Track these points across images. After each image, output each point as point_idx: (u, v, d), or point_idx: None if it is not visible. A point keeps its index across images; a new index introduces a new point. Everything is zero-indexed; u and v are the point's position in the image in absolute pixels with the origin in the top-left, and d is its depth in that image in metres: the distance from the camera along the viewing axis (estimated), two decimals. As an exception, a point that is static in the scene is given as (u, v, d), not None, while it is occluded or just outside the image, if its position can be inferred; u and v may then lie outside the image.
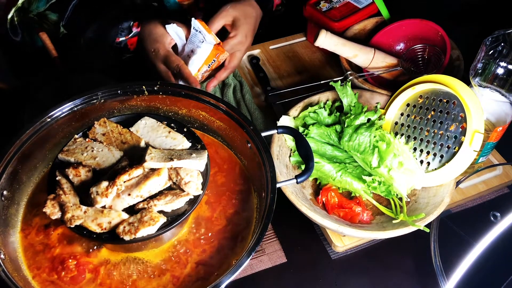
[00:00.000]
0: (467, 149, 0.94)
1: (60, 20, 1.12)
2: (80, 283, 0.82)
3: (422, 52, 1.19)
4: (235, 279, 0.90)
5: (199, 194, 0.81)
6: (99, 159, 0.84)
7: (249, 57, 1.37)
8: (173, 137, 0.89)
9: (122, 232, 0.75)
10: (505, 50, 0.92)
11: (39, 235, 0.86)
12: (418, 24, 1.21)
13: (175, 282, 0.82)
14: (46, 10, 1.12)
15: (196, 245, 0.87)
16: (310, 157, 0.88)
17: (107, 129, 0.89)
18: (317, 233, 1.02)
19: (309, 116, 1.07)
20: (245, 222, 0.90)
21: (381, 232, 0.89)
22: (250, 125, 0.91)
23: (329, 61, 1.37)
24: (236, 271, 0.73)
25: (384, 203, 1.01)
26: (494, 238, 0.90)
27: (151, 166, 0.81)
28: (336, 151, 1.04)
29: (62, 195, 0.78)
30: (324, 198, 1.00)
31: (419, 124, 1.02)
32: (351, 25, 1.30)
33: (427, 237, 0.93)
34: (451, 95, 0.98)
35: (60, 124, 0.92)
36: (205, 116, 1.00)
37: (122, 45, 1.12)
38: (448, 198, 0.94)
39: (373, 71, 1.21)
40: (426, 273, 0.94)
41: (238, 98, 1.23)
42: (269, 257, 0.98)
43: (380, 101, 1.10)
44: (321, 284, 0.95)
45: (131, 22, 1.11)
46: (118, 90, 0.95)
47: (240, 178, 0.96)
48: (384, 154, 0.99)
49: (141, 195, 0.79)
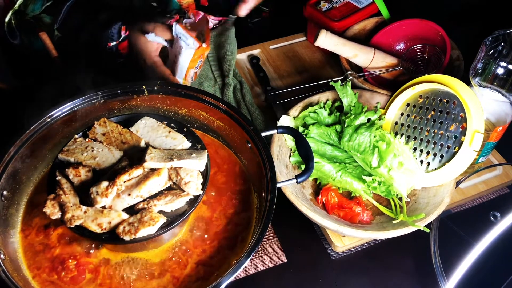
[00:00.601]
0: (467, 149, 0.94)
1: (54, 23, 1.12)
2: (80, 283, 0.82)
3: (422, 52, 1.19)
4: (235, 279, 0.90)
5: (199, 194, 0.81)
6: (99, 159, 0.84)
7: (249, 57, 1.37)
8: (173, 137, 0.89)
9: (122, 232, 0.75)
10: (505, 50, 0.92)
11: (39, 235, 0.86)
12: (418, 24, 1.21)
13: (175, 282, 0.82)
14: (41, 13, 1.12)
15: (196, 245, 0.87)
16: (310, 157, 0.88)
17: (107, 129, 0.89)
18: (317, 233, 1.02)
19: (309, 116, 1.07)
20: (245, 222, 0.90)
21: (381, 232, 0.89)
22: (250, 125, 0.91)
23: (329, 61, 1.37)
24: (236, 271, 0.73)
25: (384, 203, 1.01)
26: (494, 238, 0.90)
27: (151, 166, 0.81)
28: (336, 151, 1.04)
29: (62, 195, 0.78)
30: (324, 198, 1.00)
31: (419, 124, 1.02)
32: (351, 25, 1.30)
33: (427, 237, 0.93)
34: (451, 95, 0.98)
35: (60, 124, 0.92)
36: (205, 116, 1.00)
37: (114, 50, 1.12)
38: (448, 198, 0.94)
39: (373, 71, 1.21)
40: (426, 273, 0.94)
41: (238, 98, 1.23)
42: (269, 257, 0.98)
43: (380, 101, 1.10)
44: (321, 284, 0.95)
45: (120, 26, 1.11)
46: (118, 90, 0.95)
47: (240, 178, 0.96)
48: (384, 154, 0.99)
49: (141, 195, 0.79)
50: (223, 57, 1.27)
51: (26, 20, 1.13)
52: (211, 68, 1.30)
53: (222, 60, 1.28)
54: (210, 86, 1.26)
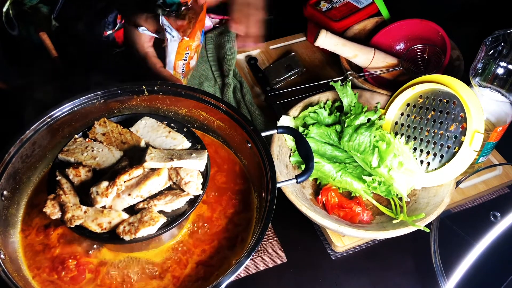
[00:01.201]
0: (467, 149, 0.94)
1: (51, 13, 1.12)
2: (80, 283, 0.82)
3: (422, 52, 1.19)
4: (235, 279, 0.90)
5: (199, 194, 0.81)
6: (99, 159, 0.84)
7: (246, 58, 1.37)
8: (173, 137, 0.89)
9: (122, 232, 0.75)
10: (505, 50, 0.92)
11: (39, 235, 0.86)
12: (418, 24, 1.21)
13: (175, 282, 0.82)
14: (38, 3, 1.12)
15: (196, 245, 0.87)
16: (310, 157, 0.88)
17: (107, 129, 0.89)
18: (317, 233, 1.02)
19: (309, 116, 1.07)
20: (245, 222, 0.90)
21: (381, 232, 0.89)
22: (250, 125, 0.91)
23: (329, 61, 1.37)
24: (236, 271, 0.73)
25: (384, 203, 1.01)
26: (494, 238, 0.90)
27: (151, 166, 0.81)
28: (336, 151, 1.04)
29: (62, 195, 0.78)
30: (324, 198, 1.00)
31: (419, 124, 1.02)
32: (351, 25, 1.30)
33: (427, 237, 0.93)
34: (451, 95, 0.98)
35: (60, 124, 0.92)
36: (205, 116, 1.00)
37: (110, 39, 1.11)
38: (448, 198, 0.94)
39: (373, 71, 1.21)
40: (426, 273, 0.94)
41: (238, 98, 1.23)
42: (269, 257, 0.98)
43: (380, 101, 1.10)
44: (321, 284, 0.95)
45: (115, 14, 1.10)
46: (118, 90, 0.95)
47: (240, 178, 0.96)
48: (384, 154, 0.99)
49: (141, 195, 0.79)
50: (223, 57, 1.28)
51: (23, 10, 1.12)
52: (211, 68, 1.30)
53: (222, 60, 1.28)
54: (210, 86, 1.26)
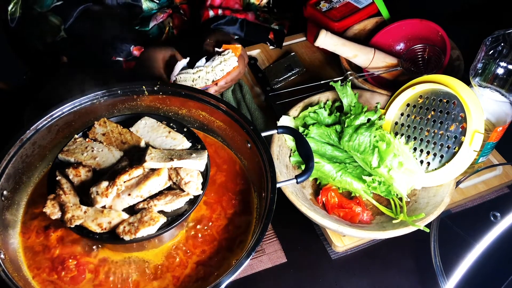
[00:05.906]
0: (467, 149, 0.94)
1: (61, 24, 1.12)
2: (80, 283, 0.82)
3: (422, 52, 1.19)
4: (235, 279, 0.90)
5: (199, 194, 0.81)
6: (99, 159, 0.84)
7: (248, 57, 1.37)
8: (173, 137, 0.89)
9: (122, 232, 0.75)
10: (505, 50, 0.92)
11: (39, 236, 0.86)
12: (418, 24, 1.21)
13: (175, 282, 0.82)
14: (48, 11, 1.12)
15: (196, 246, 0.87)
16: (310, 157, 0.88)
17: (107, 129, 0.89)
18: (317, 233, 1.02)
19: (309, 116, 1.07)
20: (245, 222, 0.90)
21: (381, 232, 0.89)
22: (250, 125, 0.91)
23: (329, 61, 1.37)
24: (236, 271, 0.73)
25: (384, 203, 1.01)
26: (494, 238, 0.90)
27: (151, 166, 0.81)
28: (336, 151, 1.04)
29: (62, 195, 0.78)
30: (324, 198, 1.00)
31: (419, 124, 1.02)
32: (351, 25, 1.30)
33: (427, 237, 0.93)
34: (451, 95, 0.98)
35: (60, 124, 0.92)
36: (205, 116, 1.00)
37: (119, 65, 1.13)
38: (448, 198, 0.94)
39: (373, 71, 1.21)
40: (426, 273, 0.94)
41: (238, 98, 1.23)
42: (269, 257, 0.98)
43: (380, 101, 1.10)
44: (321, 284, 0.95)
45: (132, 46, 1.13)
46: (118, 90, 0.95)
47: (240, 178, 0.96)
48: (384, 154, 0.99)
49: (141, 195, 0.79)
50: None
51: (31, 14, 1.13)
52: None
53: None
54: (210, 86, 1.26)
